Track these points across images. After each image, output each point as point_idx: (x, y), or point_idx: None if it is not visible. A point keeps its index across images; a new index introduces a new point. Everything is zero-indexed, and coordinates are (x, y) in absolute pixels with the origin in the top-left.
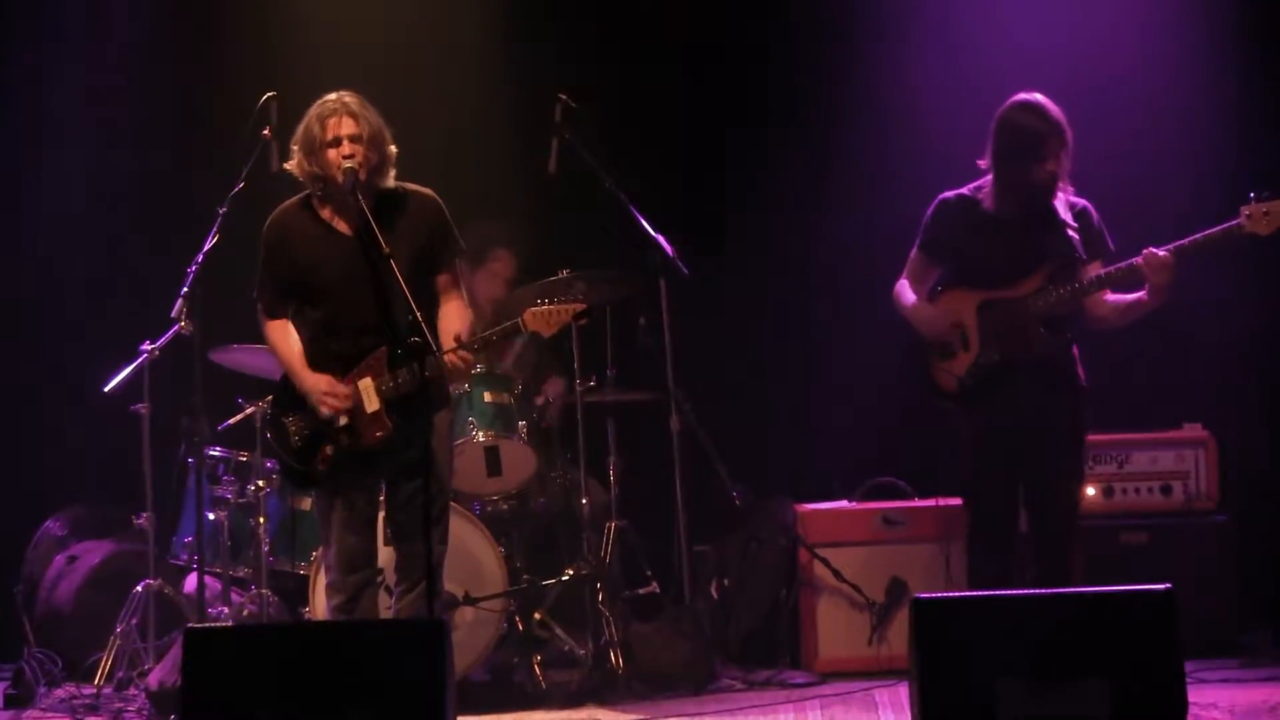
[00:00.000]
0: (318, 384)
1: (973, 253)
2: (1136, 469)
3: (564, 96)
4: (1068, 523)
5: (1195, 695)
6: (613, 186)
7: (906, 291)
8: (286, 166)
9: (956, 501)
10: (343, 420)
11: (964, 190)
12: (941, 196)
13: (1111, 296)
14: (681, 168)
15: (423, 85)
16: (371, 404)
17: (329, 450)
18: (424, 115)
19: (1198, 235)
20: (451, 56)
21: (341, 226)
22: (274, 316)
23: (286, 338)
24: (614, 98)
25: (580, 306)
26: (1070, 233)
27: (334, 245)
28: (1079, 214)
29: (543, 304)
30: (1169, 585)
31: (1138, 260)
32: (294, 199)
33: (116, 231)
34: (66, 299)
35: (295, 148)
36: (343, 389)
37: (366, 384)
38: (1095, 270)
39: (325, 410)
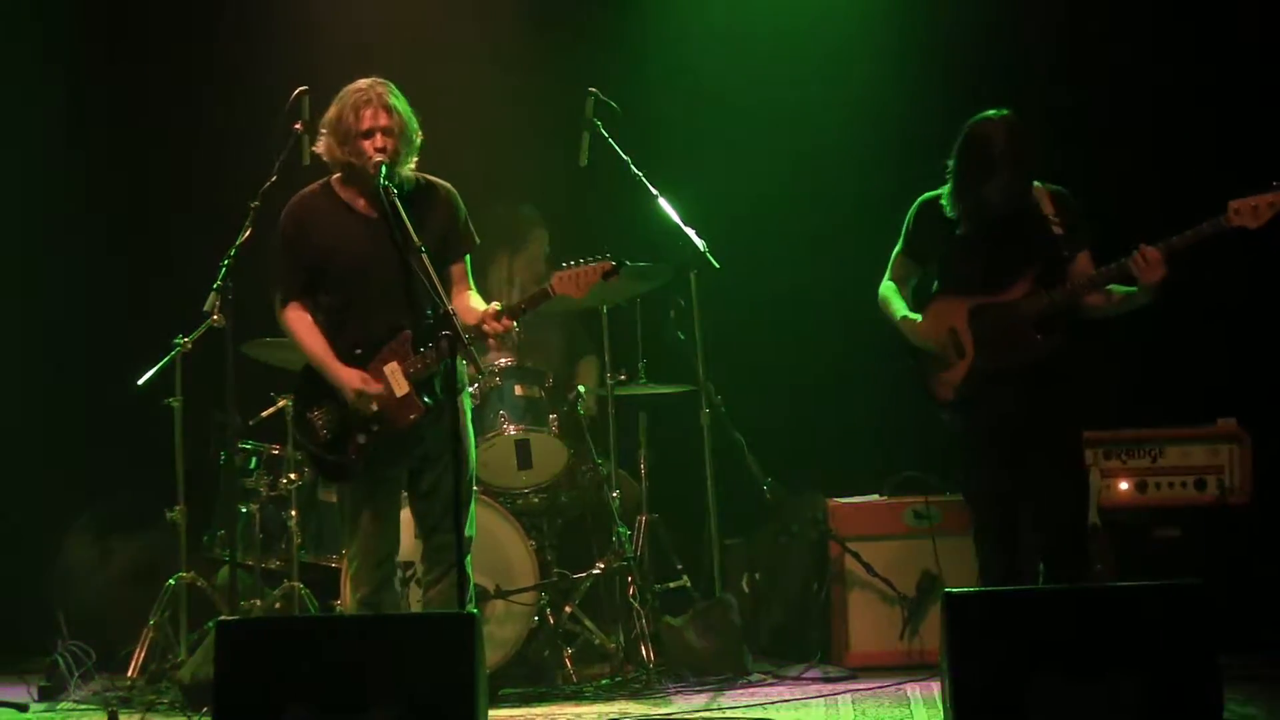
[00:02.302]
0: (352, 380)
1: (956, 257)
2: (1170, 464)
3: (595, 90)
4: (1073, 520)
5: (1229, 690)
6: (643, 179)
7: (894, 299)
8: (314, 149)
9: None
10: (374, 407)
11: (942, 191)
12: (921, 199)
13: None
14: (709, 159)
15: (453, 79)
16: (401, 388)
17: (360, 439)
18: (455, 109)
19: (1187, 232)
20: (482, 50)
21: (364, 209)
22: (290, 303)
23: (311, 328)
24: (644, 91)
25: (608, 265)
26: (1054, 229)
27: (356, 228)
28: (1059, 200)
29: (569, 266)
30: (1202, 580)
31: (1128, 261)
32: (314, 185)
33: (149, 225)
34: (100, 293)
35: (325, 132)
36: (375, 385)
37: (393, 368)
38: (1084, 261)
39: (366, 411)
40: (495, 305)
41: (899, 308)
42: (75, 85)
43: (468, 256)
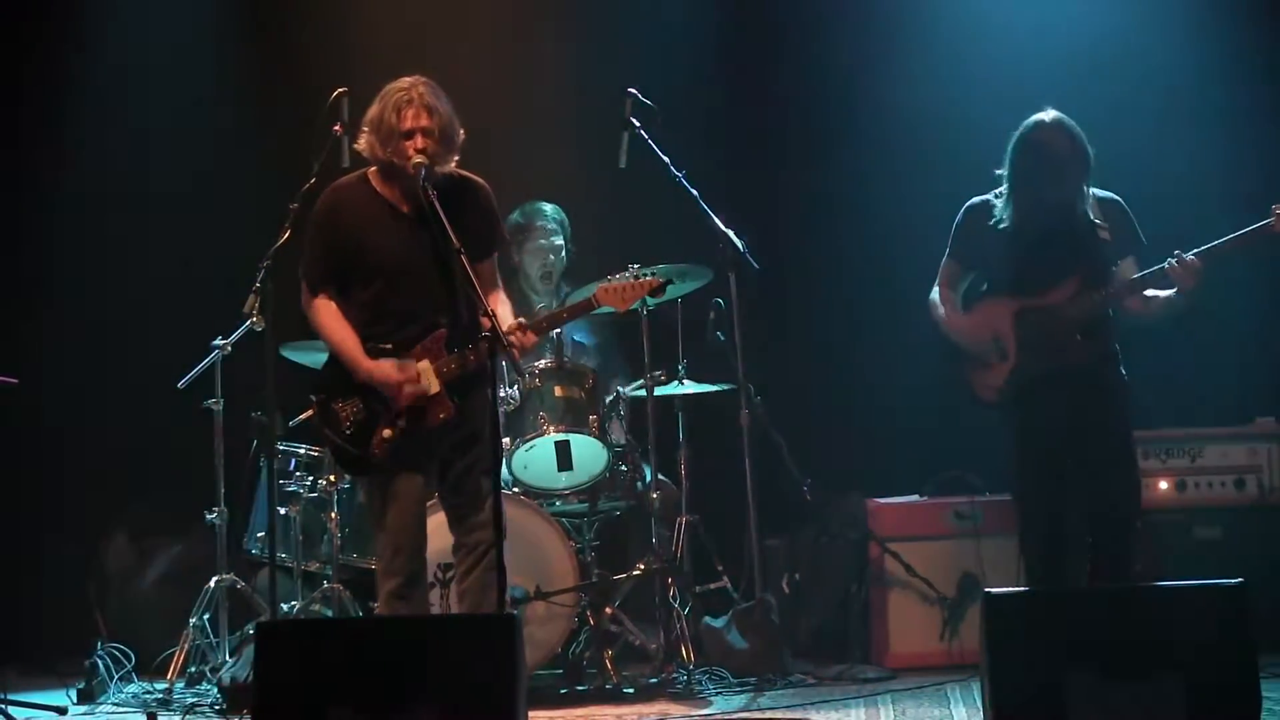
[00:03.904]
0: (387, 373)
1: (1003, 261)
2: (1209, 463)
3: (634, 91)
4: (1122, 520)
5: (1269, 690)
6: (682, 181)
7: (941, 303)
8: (355, 145)
9: None
10: (408, 396)
11: (990, 196)
12: (969, 204)
13: (1146, 292)
14: (752, 161)
15: (493, 79)
16: (432, 386)
17: (387, 434)
18: (494, 109)
19: (1228, 238)
20: (522, 50)
21: (401, 206)
22: (318, 293)
23: (339, 318)
24: (684, 93)
25: (656, 282)
26: (1101, 234)
27: (392, 224)
28: (1108, 208)
29: (614, 278)
30: (1242, 579)
31: (1166, 265)
32: (351, 175)
33: (188, 228)
34: (139, 295)
35: (367, 130)
36: (412, 371)
37: (425, 366)
38: (1129, 266)
39: (404, 401)
40: (520, 320)
41: (945, 312)
42: (114, 78)
43: (495, 255)
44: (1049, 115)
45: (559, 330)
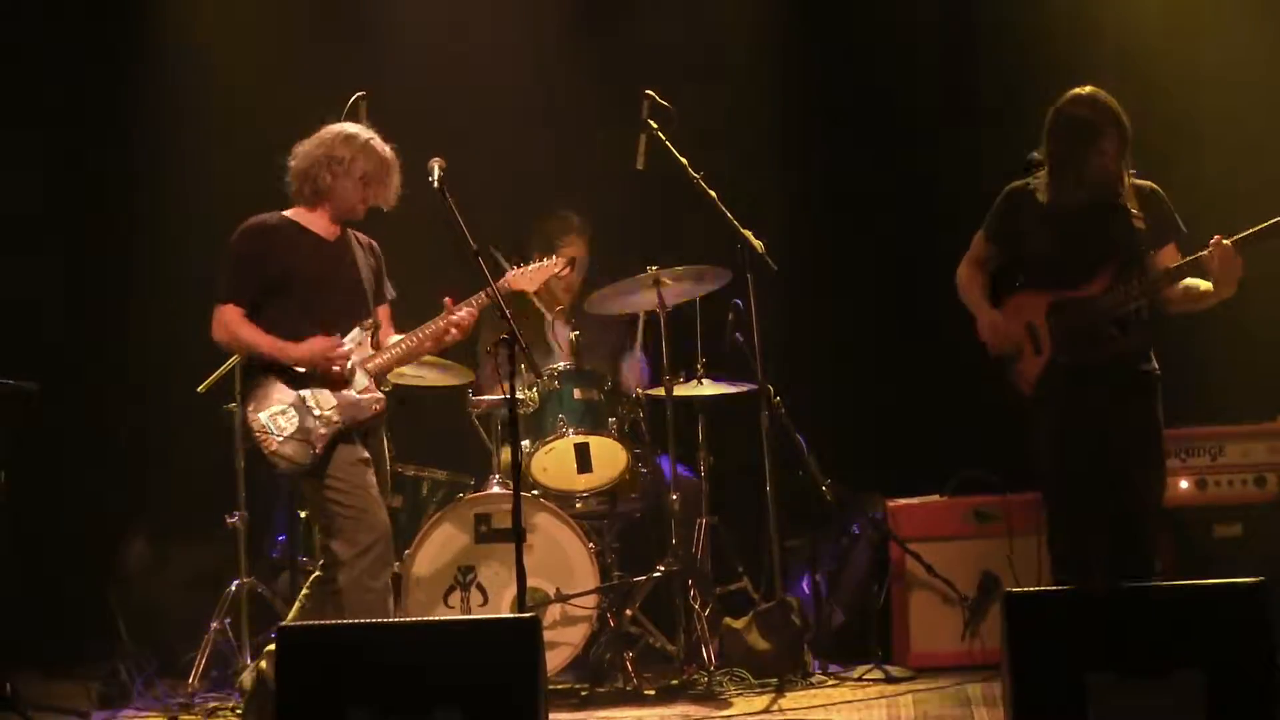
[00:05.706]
0: (314, 346)
1: (1037, 248)
2: (1229, 461)
3: (651, 92)
4: (1148, 517)
5: None
6: (699, 182)
7: (973, 288)
8: (292, 194)
9: None
10: (345, 364)
11: (1029, 180)
12: (1010, 187)
13: (1185, 282)
14: (769, 162)
15: (507, 82)
16: (359, 383)
17: (322, 433)
18: (508, 112)
19: (1266, 224)
20: (535, 53)
21: (323, 232)
22: (228, 303)
23: (253, 326)
24: (701, 91)
25: (560, 262)
26: (1135, 222)
27: (318, 250)
28: (1146, 197)
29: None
30: (1262, 578)
31: (1204, 254)
32: (269, 215)
33: (208, 230)
34: (158, 299)
35: (362, 176)
36: (338, 342)
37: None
38: (1169, 254)
39: (338, 368)
40: (448, 300)
41: (977, 300)
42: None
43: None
44: (1085, 89)
45: (576, 333)
